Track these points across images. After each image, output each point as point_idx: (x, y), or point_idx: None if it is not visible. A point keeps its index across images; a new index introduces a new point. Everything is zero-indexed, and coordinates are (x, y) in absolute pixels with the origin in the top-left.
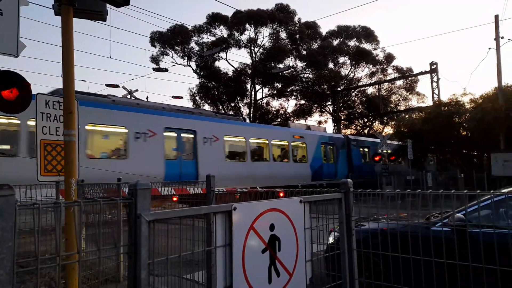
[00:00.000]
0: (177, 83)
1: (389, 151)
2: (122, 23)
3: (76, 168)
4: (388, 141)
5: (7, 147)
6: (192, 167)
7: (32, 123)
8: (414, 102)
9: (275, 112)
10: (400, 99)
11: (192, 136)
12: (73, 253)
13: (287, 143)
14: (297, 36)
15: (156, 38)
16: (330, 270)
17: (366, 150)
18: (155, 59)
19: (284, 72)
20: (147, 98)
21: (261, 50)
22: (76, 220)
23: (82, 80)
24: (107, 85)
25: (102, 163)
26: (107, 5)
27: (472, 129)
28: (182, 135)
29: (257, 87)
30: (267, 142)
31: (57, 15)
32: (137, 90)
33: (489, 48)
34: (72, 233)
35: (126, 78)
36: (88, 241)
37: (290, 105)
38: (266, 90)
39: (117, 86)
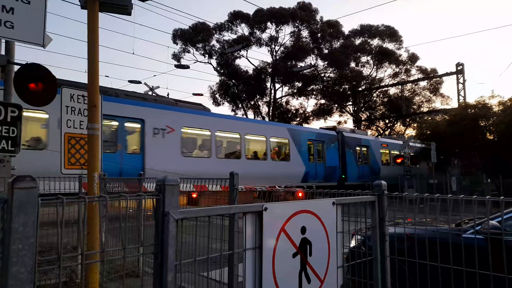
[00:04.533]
0: (198, 80)
1: (411, 153)
2: (145, 19)
3: (99, 161)
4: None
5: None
6: (137, 161)
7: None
8: (438, 104)
9: (294, 111)
10: (424, 100)
11: (139, 126)
12: (97, 252)
13: (264, 139)
14: (319, 35)
15: (178, 35)
16: (356, 276)
17: (365, 149)
18: (176, 56)
19: (305, 71)
20: (168, 94)
21: (282, 49)
22: (100, 214)
23: (106, 76)
24: (130, 81)
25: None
26: None
27: (500, 133)
28: (126, 124)
29: (277, 85)
30: (239, 136)
31: (84, 8)
32: (158, 87)
33: None
34: (95, 228)
35: (148, 74)
36: (110, 235)
37: (310, 104)
38: (286, 88)
39: (139, 82)
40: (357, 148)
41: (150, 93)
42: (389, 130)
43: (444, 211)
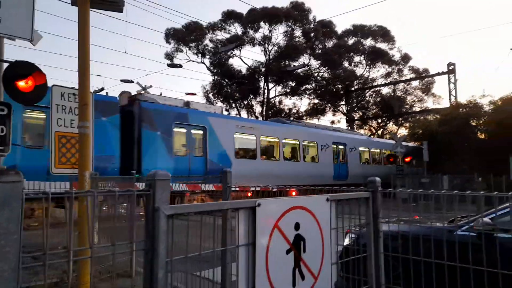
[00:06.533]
0: (191, 79)
1: (395, 152)
2: (138, 18)
3: (90, 160)
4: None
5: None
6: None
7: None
8: (429, 103)
9: (288, 111)
10: (416, 100)
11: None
12: (85, 248)
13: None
14: (312, 34)
15: (171, 34)
16: (351, 274)
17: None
18: (169, 56)
19: (298, 70)
20: (160, 94)
21: (275, 48)
22: (89, 212)
23: (98, 75)
24: (122, 81)
25: None
26: None
27: (491, 132)
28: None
29: (271, 85)
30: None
31: (74, 5)
32: (151, 86)
33: (511, 49)
34: (85, 226)
35: (141, 73)
36: (101, 235)
37: (303, 104)
38: (279, 88)
39: (131, 81)
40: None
41: (142, 92)
42: (382, 129)
43: (437, 211)
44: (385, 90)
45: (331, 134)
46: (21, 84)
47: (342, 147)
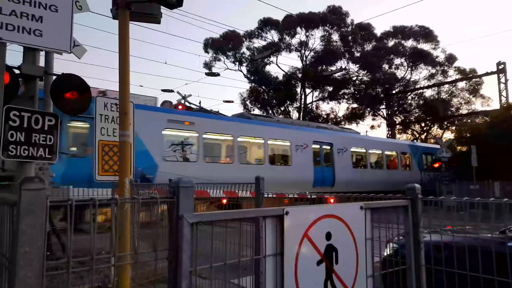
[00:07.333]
0: (229, 87)
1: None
2: (177, 30)
3: (130, 167)
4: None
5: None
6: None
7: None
8: (478, 105)
9: (325, 116)
10: (462, 102)
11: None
12: (127, 254)
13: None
14: (350, 38)
15: (209, 44)
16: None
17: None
18: (207, 65)
19: (336, 74)
20: (199, 102)
21: (312, 53)
22: (130, 218)
23: (140, 86)
24: (163, 90)
25: None
26: (162, 8)
27: None
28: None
29: (307, 90)
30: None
31: (115, 19)
32: (190, 95)
33: None
34: (125, 232)
35: (180, 83)
36: (140, 240)
37: (342, 108)
38: (316, 93)
39: (172, 91)
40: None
41: (182, 101)
42: (425, 133)
43: (486, 219)
44: (428, 93)
45: (311, 132)
46: (68, 95)
47: (327, 147)
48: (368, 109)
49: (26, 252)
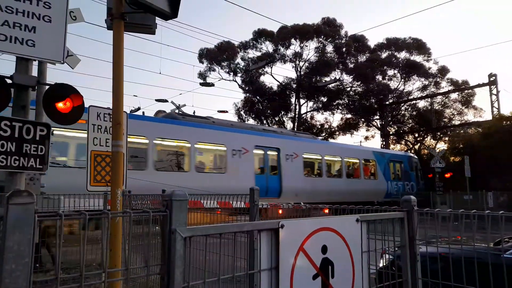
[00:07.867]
0: (223, 97)
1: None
2: (171, 40)
3: (122, 178)
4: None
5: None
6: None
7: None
8: (470, 116)
9: (319, 127)
10: (455, 113)
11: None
12: (120, 269)
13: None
14: (344, 49)
15: (204, 54)
16: None
17: None
18: (202, 75)
19: (330, 85)
20: (194, 112)
21: (306, 64)
22: (121, 231)
23: (134, 95)
24: (157, 100)
25: None
26: (157, 19)
27: None
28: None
29: (302, 101)
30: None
31: (110, 29)
32: (185, 105)
33: None
34: (117, 245)
35: (174, 93)
36: (132, 252)
37: (336, 119)
38: (310, 104)
39: (166, 101)
40: None
41: (176, 111)
42: (419, 144)
43: (481, 229)
44: (421, 104)
45: (252, 136)
46: (60, 105)
47: (273, 153)
48: (362, 119)
49: (12, 270)
